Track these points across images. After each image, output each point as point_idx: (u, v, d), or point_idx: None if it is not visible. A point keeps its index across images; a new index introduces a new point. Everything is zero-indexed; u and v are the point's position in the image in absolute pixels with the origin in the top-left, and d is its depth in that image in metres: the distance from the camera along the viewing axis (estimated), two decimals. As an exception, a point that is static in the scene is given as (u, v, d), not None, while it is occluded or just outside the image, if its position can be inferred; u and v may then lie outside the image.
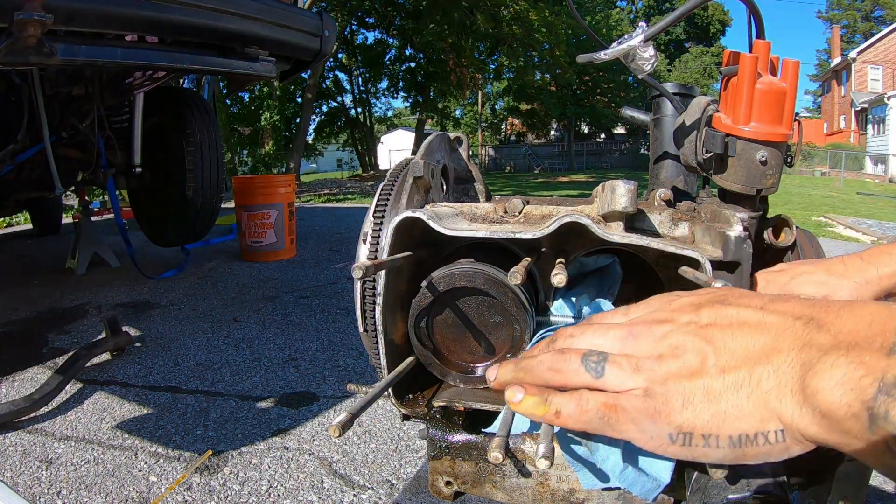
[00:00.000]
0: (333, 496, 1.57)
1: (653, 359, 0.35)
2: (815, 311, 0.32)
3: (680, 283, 0.57)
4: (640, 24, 0.62)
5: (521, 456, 0.52)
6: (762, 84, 0.53)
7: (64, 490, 1.60)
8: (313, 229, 6.66)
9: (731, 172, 0.57)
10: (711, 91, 5.17)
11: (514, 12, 17.55)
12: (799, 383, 0.29)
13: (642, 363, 0.35)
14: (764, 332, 0.32)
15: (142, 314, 3.28)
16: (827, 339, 0.30)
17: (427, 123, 27.04)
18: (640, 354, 0.36)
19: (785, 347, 0.31)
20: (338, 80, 25.42)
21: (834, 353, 0.29)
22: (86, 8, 1.90)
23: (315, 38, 2.88)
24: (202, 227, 3.97)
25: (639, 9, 37.93)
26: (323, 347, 2.70)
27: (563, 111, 27.28)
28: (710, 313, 0.35)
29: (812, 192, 14.11)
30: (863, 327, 0.29)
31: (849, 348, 0.28)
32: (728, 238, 0.51)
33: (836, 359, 0.28)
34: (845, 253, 0.58)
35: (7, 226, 7.83)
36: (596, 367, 0.36)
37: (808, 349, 0.30)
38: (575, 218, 0.49)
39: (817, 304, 0.33)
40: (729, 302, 0.35)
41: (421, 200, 0.59)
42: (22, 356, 2.63)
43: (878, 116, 24.30)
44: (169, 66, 2.46)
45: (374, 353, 0.55)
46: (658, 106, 0.72)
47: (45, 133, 3.15)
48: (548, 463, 0.42)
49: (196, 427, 1.96)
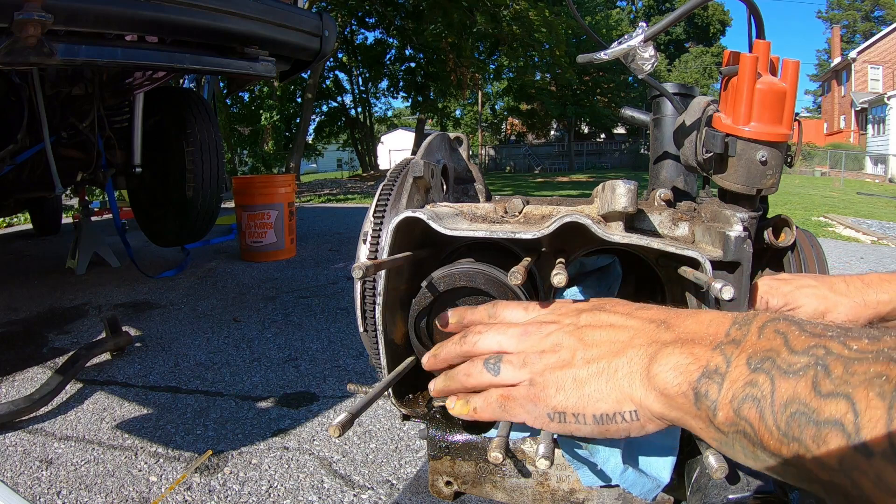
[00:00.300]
0: (333, 496, 1.57)
1: (537, 354, 0.42)
2: (668, 317, 0.39)
3: (680, 282, 0.57)
4: (640, 24, 0.62)
5: (521, 456, 0.52)
6: (762, 84, 0.53)
7: (64, 490, 1.60)
8: (313, 229, 6.66)
9: (731, 172, 0.57)
10: (711, 91, 5.17)
11: (514, 12, 17.55)
12: (646, 370, 0.36)
13: (529, 358, 0.42)
14: (625, 331, 0.40)
15: (142, 314, 3.28)
16: (670, 336, 0.37)
17: (427, 123, 27.04)
18: (529, 350, 0.43)
19: (638, 343, 0.38)
20: (338, 80, 25.44)
21: (672, 346, 0.36)
22: (86, 8, 1.90)
23: (315, 38, 2.88)
24: (202, 227, 3.97)
25: (639, 9, 37.94)
26: (323, 347, 2.70)
27: (563, 111, 27.26)
28: (588, 317, 0.43)
29: (812, 192, 14.11)
30: (701, 328, 0.36)
31: (684, 343, 0.36)
32: (728, 238, 0.51)
33: (672, 349, 0.36)
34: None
35: (7, 226, 7.84)
36: (494, 367, 0.43)
37: (655, 344, 0.37)
38: (575, 218, 0.49)
39: (672, 312, 0.40)
40: (605, 308, 0.43)
41: (421, 200, 0.59)
42: (22, 356, 2.64)
43: (878, 116, 24.30)
44: (169, 66, 2.46)
45: (374, 353, 0.55)
46: (658, 106, 0.72)
47: (45, 133, 3.15)
48: (548, 463, 0.42)
49: (196, 427, 1.96)
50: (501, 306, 0.49)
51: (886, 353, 0.29)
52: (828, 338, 0.31)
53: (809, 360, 0.30)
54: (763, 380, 0.31)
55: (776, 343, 0.33)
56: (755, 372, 0.32)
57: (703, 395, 0.33)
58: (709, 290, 0.45)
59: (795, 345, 0.32)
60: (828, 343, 0.31)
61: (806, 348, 0.31)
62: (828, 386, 0.29)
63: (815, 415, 0.29)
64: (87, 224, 4.29)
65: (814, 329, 0.33)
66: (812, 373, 0.30)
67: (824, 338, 0.31)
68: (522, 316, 0.47)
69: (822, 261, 0.67)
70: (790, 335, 0.33)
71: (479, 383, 0.44)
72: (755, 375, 0.32)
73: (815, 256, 0.67)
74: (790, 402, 0.30)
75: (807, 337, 0.32)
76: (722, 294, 0.42)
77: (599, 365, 0.39)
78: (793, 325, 0.33)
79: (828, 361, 0.30)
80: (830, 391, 0.29)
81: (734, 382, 0.32)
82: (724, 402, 0.32)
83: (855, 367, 0.29)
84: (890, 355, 0.29)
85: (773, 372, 0.31)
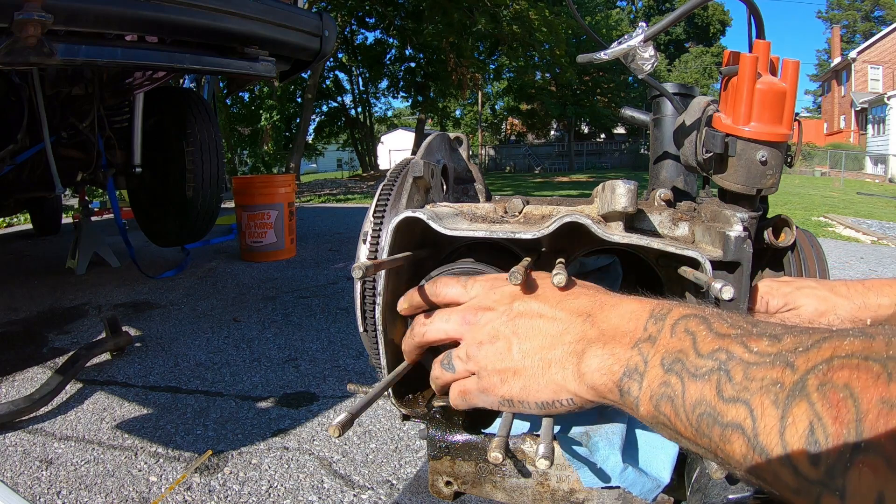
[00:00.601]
0: (333, 496, 1.57)
1: (477, 345, 0.45)
2: (593, 308, 0.42)
3: (680, 282, 0.57)
4: (640, 24, 0.62)
5: (521, 456, 0.52)
6: (762, 84, 0.53)
7: (64, 490, 1.60)
8: (313, 229, 6.66)
9: (731, 172, 0.57)
10: (711, 91, 5.17)
11: (514, 12, 17.54)
12: (576, 367, 0.40)
13: (471, 350, 0.45)
14: (554, 324, 0.42)
15: (142, 314, 3.28)
16: (595, 332, 0.40)
17: (427, 123, 27.02)
18: (471, 341, 0.46)
19: (567, 340, 0.41)
20: (338, 80, 25.44)
21: (597, 344, 0.39)
22: (86, 8, 1.90)
23: (315, 38, 2.88)
24: (202, 227, 3.96)
25: (639, 9, 37.93)
26: (323, 347, 2.70)
27: (563, 111, 27.25)
28: (520, 305, 0.44)
29: (812, 192, 14.11)
30: (622, 322, 0.39)
31: (606, 341, 0.39)
32: (728, 238, 0.51)
33: (597, 349, 0.39)
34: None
35: (7, 226, 7.84)
36: (448, 366, 0.47)
37: (582, 341, 0.40)
38: (575, 218, 0.49)
39: (598, 302, 0.42)
40: (537, 296, 0.45)
41: (421, 200, 0.59)
42: (22, 356, 2.64)
43: (878, 116, 24.30)
44: (169, 66, 2.46)
45: (374, 353, 0.55)
46: (658, 106, 0.72)
47: (45, 133, 3.14)
48: (548, 463, 0.42)
49: (196, 427, 1.96)
50: (441, 284, 0.50)
51: (783, 357, 0.31)
52: (731, 339, 0.34)
53: (714, 365, 0.33)
54: (675, 381, 0.34)
55: (685, 344, 0.35)
56: (668, 373, 0.35)
57: (627, 392, 0.37)
58: (709, 290, 0.45)
59: (702, 347, 0.34)
60: (730, 346, 0.33)
61: (711, 352, 0.34)
62: (729, 391, 0.32)
63: (720, 417, 0.32)
64: (87, 224, 4.29)
65: (720, 327, 0.35)
66: (716, 377, 0.33)
67: (728, 339, 0.34)
68: (462, 293, 0.49)
69: (822, 261, 0.67)
70: (698, 336, 0.35)
71: (446, 382, 0.49)
72: (668, 376, 0.35)
73: (815, 256, 0.67)
74: (698, 403, 0.33)
75: (713, 339, 0.35)
76: (722, 294, 0.42)
77: (534, 359, 0.42)
78: (702, 324, 0.36)
79: (730, 367, 0.32)
80: (732, 396, 0.31)
81: (651, 382, 0.36)
82: (645, 399, 0.36)
83: (753, 373, 0.31)
84: (786, 359, 0.31)
85: (683, 374, 0.34)
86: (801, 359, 0.30)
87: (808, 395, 0.28)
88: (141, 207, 4.27)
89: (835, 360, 0.29)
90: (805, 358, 0.30)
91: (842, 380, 0.28)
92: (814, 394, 0.28)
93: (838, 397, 0.27)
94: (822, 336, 0.31)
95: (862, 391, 0.27)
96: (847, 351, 0.29)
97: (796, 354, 0.31)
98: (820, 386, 0.28)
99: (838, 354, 0.29)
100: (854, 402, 0.27)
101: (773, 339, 0.33)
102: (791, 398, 0.29)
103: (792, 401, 0.29)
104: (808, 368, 0.29)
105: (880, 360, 0.27)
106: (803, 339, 0.31)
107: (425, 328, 0.49)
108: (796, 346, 0.31)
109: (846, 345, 0.29)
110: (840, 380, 0.28)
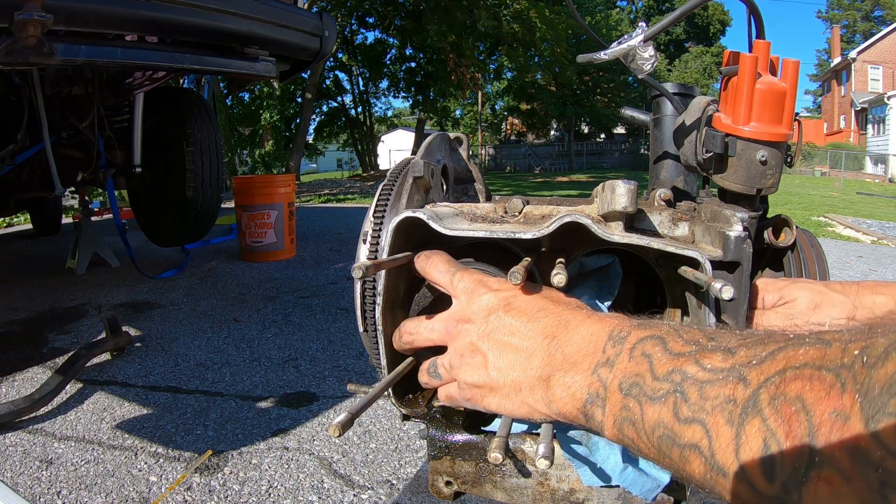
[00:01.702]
0: (333, 496, 1.57)
1: (459, 356, 0.46)
2: (557, 330, 0.42)
3: (680, 282, 0.57)
4: (640, 24, 0.62)
5: (521, 456, 0.52)
6: (762, 84, 0.53)
7: (64, 490, 1.60)
8: (313, 229, 6.66)
9: (731, 172, 0.57)
10: (711, 91, 5.17)
11: (514, 11, 17.54)
12: (545, 393, 0.41)
13: (454, 361, 0.47)
14: (525, 341, 0.43)
15: (142, 314, 3.28)
16: (559, 357, 0.41)
17: (427, 123, 27.01)
18: (453, 351, 0.47)
19: (534, 365, 0.42)
20: (338, 80, 25.42)
21: (560, 371, 0.40)
22: (86, 8, 1.90)
23: (315, 38, 2.88)
24: (202, 227, 3.96)
25: (639, 9, 37.92)
26: (323, 347, 2.70)
27: (563, 111, 27.25)
28: (495, 320, 0.45)
29: (812, 192, 14.11)
30: (584, 346, 0.40)
31: (569, 368, 0.40)
32: (728, 238, 0.51)
33: (561, 375, 0.40)
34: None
35: (7, 226, 7.84)
36: (435, 374, 0.49)
37: (548, 366, 0.41)
38: (575, 218, 0.49)
39: (562, 323, 0.43)
40: (510, 309, 0.45)
41: (421, 200, 0.58)
42: (22, 356, 2.64)
43: (878, 116, 24.30)
44: (169, 66, 2.46)
45: (374, 353, 0.55)
46: (658, 106, 0.72)
47: (45, 133, 3.14)
48: (548, 463, 0.42)
49: (196, 427, 1.96)
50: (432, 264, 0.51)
51: (736, 371, 0.31)
52: (686, 358, 0.34)
53: (669, 387, 0.34)
54: (634, 405, 0.35)
55: (642, 367, 0.36)
56: (627, 397, 0.36)
57: (591, 417, 0.38)
58: (709, 290, 0.45)
59: (658, 370, 0.35)
60: (684, 366, 0.34)
61: (666, 374, 0.34)
62: (685, 412, 0.32)
63: (678, 438, 0.32)
64: (87, 224, 4.29)
65: (676, 346, 0.36)
66: (672, 399, 0.33)
67: (683, 358, 0.34)
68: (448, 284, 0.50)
69: (822, 261, 0.67)
70: (654, 358, 0.36)
71: (435, 387, 0.51)
72: (627, 401, 0.36)
73: (815, 256, 0.67)
74: (657, 425, 0.34)
75: (668, 360, 0.35)
76: (722, 294, 0.42)
77: (507, 379, 0.43)
78: (658, 345, 0.36)
79: (685, 387, 0.33)
80: (688, 417, 0.32)
81: (613, 406, 0.37)
82: (609, 424, 0.37)
83: (707, 392, 0.32)
84: (739, 373, 0.31)
85: (641, 398, 0.35)
86: (754, 372, 0.30)
87: (761, 410, 0.28)
88: (141, 207, 4.27)
89: (788, 371, 0.28)
90: (758, 371, 0.30)
91: (794, 392, 0.27)
92: (766, 409, 0.28)
93: (790, 411, 0.27)
94: (777, 346, 0.30)
95: (814, 403, 0.26)
96: (801, 361, 0.28)
97: (750, 368, 0.31)
98: (772, 400, 0.28)
99: (792, 365, 0.28)
100: (807, 416, 0.26)
101: (727, 353, 0.33)
102: (744, 415, 0.29)
103: (745, 418, 0.29)
104: (761, 382, 0.29)
105: (833, 370, 0.27)
106: (758, 350, 0.31)
107: (412, 337, 0.51)
108: (750, 360, 0.31)
109: (800, 354, 0.29)
110: (792, 392, 0.28)
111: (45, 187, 3.56)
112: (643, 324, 0.40)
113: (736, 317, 0.54)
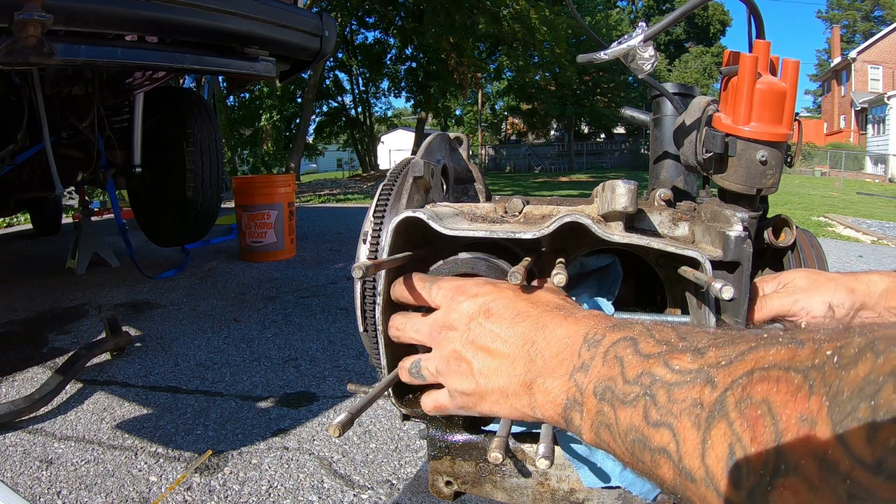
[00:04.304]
0: (333, 496, 1.57)
1: (445, 363, 0.46)
2: (535, 334, 0.43)
3: (680, 282, 0.57)
4: (640, 24, 0.62)
5: (521, 456, 0.52)
6: (762, 84, 0.53)
7: (64, 490, 1.60)
8: (313, 229, 6.66)
9: (731, 172, 0.57)
10: (711, 91, 5.16)
11: (514, 12, 17.54)
12: (529, 400, 0.42)
13: (440, 367, 0.47)
14: (505, 348, 0.43)
15: (142, 314, 3.28)
16: (540, 363, 0.41)
17: (428, 123, 27.01)
18: (438, 357, 0.47)
19: (517, 371, 0.42)
20: (338, 80, 25.40)
21: (542, 377, 0.41)
22: (86, 8, 1.90)
23: (315, 38, 2.88)
24: (202, 227, 3.96)
25: (639, 9, 37.91)
26: (323, 347, 2.70)
27: (563, 111, 27.23)
28: (476, 327, 0.45)
29: (812, 192, 14.10)
30: (561, 350, 0.40)
31: (548, 374, 0.40)
32: (728, 238, 0.51)
33: (541, 381, 0.41)
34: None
35: (7, 226, 7.83)
36: (417, 374, 0.49)
37: (530, 373, 0.42)
38: (575, 218, 0.49)
39: (539, 326, 0.43)
40: (491, 316, 0.45)
41: (421, 200, 0.58)
42: (22, 356, 2.63)
43: (878, 116, 24.30)
44: (169, 66, 2.46)
45: (374, 353, 0.55)
46: (658, 106, 0.72)
47: (45, 133, 3.14)
48: (548, 463, 0.43)
49: (196, 427, 1.96)
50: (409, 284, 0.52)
51: (704, 373, 0.30)
52: (655, 359, 0.34)
53: (640, 390, 0.33)
54: (608, 409, 0.35)
55: (614, 371, 0.36)
56: (601, 402, 0.36)
57: (571, 421, 0.39)
58: (709, 290, 0.45)
59: (629, 373, 0.35)
60: (654, 368, 0.33)
61: (636, 376, 0.34)
62: (654, 416, 0.32)
63: (649, 442, 0.32)
64: (87, 224, 4.29)
65: (647, 347, 0.35)
66: (643, 402, 0.33)
67: (652, 359, 0.34)
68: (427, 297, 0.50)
69: (822, 261, 0.67)
70: (625, 360, 0.36)
71: (415, 384, 0.51)
72: (602, 405, 0.36)
73: (815, 256, 0.67)
74: (629, 429, 0.34)
75: (638, 362, 0.35)
76: (722, 294, 0.42)
77: (494, 385, 0.44)
78: (629, 347, 0.36)
79: (654, 390, 0.33)
80: (657, 421, 0.32)
81: (589, 411, 0.37)
82: (586, 428, 0.37)
83: (675, 394, 0.31)
84: (707, 375, 0.30)
85: (614, 402, 0.35)
86: (722, 373, 0.29)
87: (727, 413, 0.28)
88: (141, 207, 4.27)
89: (756, 372, 0.27)
90: (727, 372, 0.29)
91: (760, 394, 0.26)
92: (732, 412, 0.27)
93: (756, 414, 0.26)
94: (748, 346, 0.29)
95: (780, 407, 0.25)
96: (770, 361, 0.27)
97: (718, 369, 0.30)
98: (738, 403, 0.27)
99: (760, 366, 0.27)
100: (773, 420, 0.25)
101: (697, 353, 0.32)
102: (711, 419, 0.28)
103: (711, 422, 0.28)
104: (728, 384, 0.28)
105: (802, 371, 0.25)
106: (728, 350, 0.30)
107: (399, 332, 0.51)
108: (719, 360, 0.30)
109: (771, 355, 0.28)
110: (759, 395, 0.26)
111: (45, 187, 3.56)
112: (618, 324, 0.39)
113: (736, 316, 0.54)
